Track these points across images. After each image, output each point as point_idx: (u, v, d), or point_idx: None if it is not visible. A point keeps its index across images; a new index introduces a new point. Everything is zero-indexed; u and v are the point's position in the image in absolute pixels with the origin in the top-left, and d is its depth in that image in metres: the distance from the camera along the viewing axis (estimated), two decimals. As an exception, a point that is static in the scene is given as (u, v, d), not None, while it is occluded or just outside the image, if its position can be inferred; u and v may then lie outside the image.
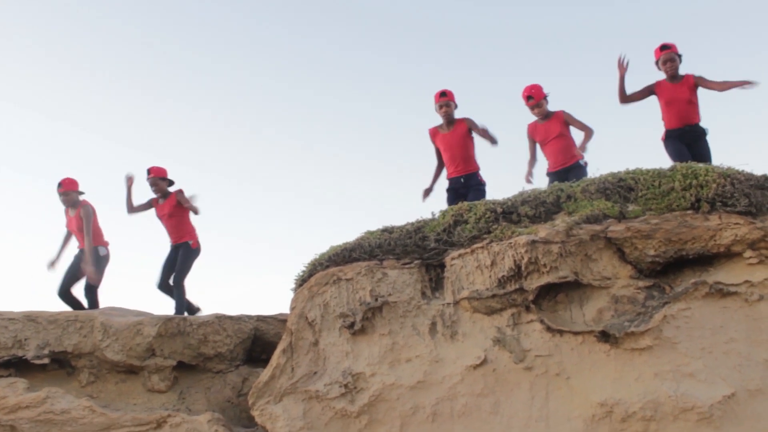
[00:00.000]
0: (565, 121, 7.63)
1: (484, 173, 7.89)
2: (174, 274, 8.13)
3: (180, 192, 8.28)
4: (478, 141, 7.87)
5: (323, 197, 26.45)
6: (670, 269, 5.52)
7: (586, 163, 7.59)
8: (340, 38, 27.35)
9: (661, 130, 7.40)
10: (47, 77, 25.06)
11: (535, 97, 7.62)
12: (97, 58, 25.49)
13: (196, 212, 8.18)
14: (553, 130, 7.65)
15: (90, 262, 7.87)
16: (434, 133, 7.97)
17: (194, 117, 26.27)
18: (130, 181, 8.47)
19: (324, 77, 27.48)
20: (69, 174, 9.26)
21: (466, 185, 7.78)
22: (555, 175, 7.54)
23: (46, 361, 6.70)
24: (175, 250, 8.27)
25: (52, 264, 8.35)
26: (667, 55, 7.25)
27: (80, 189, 8.28)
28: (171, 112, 26.22)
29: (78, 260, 8.08)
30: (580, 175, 7.24)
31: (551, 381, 5.40)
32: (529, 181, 7.78)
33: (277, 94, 26.96)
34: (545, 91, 7.68)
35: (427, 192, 8.09)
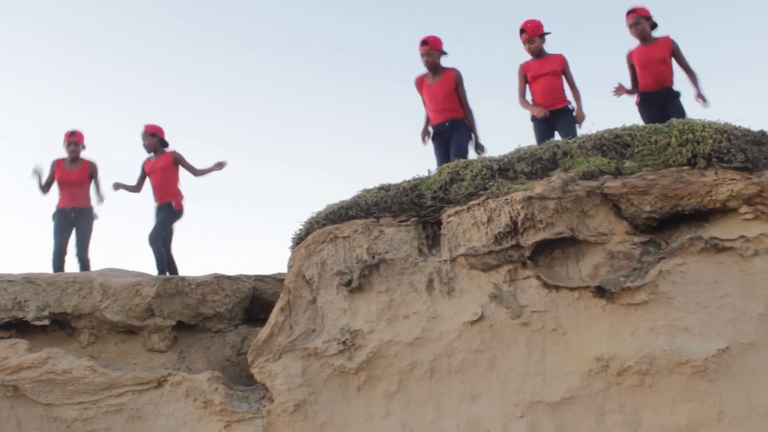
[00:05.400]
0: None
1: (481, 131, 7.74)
2: (152, 230, 8.13)
3: (179, 154, 8.31)
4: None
5: (320, 158, 26.40)
6: (666, 225, 5.53)
7: (573, 109, 7.42)
8: (337, 2, 27.01)
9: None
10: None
11: (527, 31, 7.40)
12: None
13: (195, 173, 8.23)
14: (548, 66, 7.43)
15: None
16: (420, 81, 7.70)
17: (188, 80, 26.07)
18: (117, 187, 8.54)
19: (319, 40, 27.21)
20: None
21: (451, 129, 7.51)
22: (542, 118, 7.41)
23: (46, 322, 6.73)
24: (160, 211, 8.27)
25: (37, 173, 8.37)
26: (632, 20, 7.28)
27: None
28: (166, 76, 26.00)
29: (69, 219, 8.18)
30: (569, 120, 7.29)
31: (548, 336, 5.44)
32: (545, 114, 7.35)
33: (274, 57, 26.74)
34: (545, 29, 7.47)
35: (425, 132, 7.73)
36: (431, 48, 7.51)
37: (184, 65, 26.27)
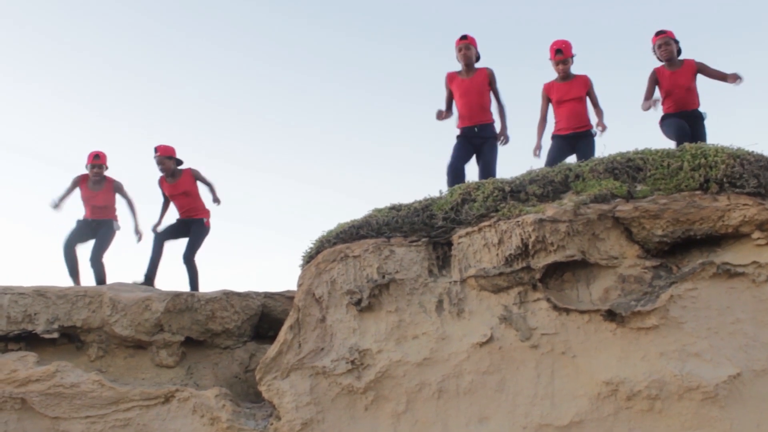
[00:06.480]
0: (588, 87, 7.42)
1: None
2: (186, 249, 8.16)
3: (196, 171, 8.36)
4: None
5: (331, 176, 26.47)
6: (677, 249, 5.52)
7: (596, 134, 7.41)
8: (348, 24, 27.22)
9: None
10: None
11: (564, 51, 7.37)
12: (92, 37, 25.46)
13: (215, 197, 8.31)
14: (573, 92, 7.41)
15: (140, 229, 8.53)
16: (452, 77, 7.65)
17: (201, 98, 26.24)
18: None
19: (332, 60, 27.37)
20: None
21: (480, 135, 7.50)
22: (564, 139, 7.41)
23: (55, 335, 6.73)
24: (184, 224, 8.32)
25: (57, 205, 8.34)
26: (662, 39, 7.27)
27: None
28: (179, 94, 26.20)
29: (90, 228, 8.29)
30: (590, 144, 7.26)
31: (557, 359, 5.42)
32: (537, 155, 7.48)
33: (287, 75, 26.91)
34: (573, 51, 7.44)
35: (443, 113, 7.69)
36: (470, 42, 7.54)
37: (198, 83, 26.46)
